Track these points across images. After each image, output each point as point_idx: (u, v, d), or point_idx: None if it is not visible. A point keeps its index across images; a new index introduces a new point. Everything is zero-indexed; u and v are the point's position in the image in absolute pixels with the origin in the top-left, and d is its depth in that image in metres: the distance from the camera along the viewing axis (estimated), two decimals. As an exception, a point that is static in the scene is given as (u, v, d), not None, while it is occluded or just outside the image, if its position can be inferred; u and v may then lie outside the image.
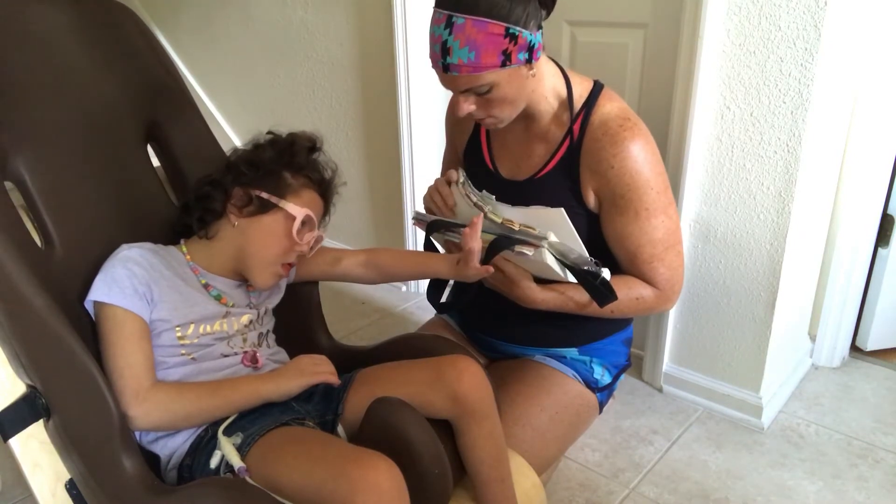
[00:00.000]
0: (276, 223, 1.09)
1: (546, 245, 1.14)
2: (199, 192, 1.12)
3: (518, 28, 1.09)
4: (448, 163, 1.55)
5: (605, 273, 1.19)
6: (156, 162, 1.24)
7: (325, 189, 1.16)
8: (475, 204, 1.24)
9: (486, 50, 1.08)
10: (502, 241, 1.15)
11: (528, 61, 1.14)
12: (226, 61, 2.89)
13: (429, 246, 1.34)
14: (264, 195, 1.09)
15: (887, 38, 1.65)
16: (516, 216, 1.20)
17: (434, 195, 1.32)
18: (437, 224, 1.26)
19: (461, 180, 1.28)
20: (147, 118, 1.20)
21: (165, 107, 1.22)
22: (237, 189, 1.10)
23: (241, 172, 1.11)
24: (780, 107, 1.50)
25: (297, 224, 1.08)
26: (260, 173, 1.10)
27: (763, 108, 1.52)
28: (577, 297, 1.25)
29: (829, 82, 1.51)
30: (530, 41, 1.11)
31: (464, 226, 1.20)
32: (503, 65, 1.10)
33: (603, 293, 1.19)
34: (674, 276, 1.29)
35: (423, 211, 1.35)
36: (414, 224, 1.37)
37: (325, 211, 1.18)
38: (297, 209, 1.09)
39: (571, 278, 1.19)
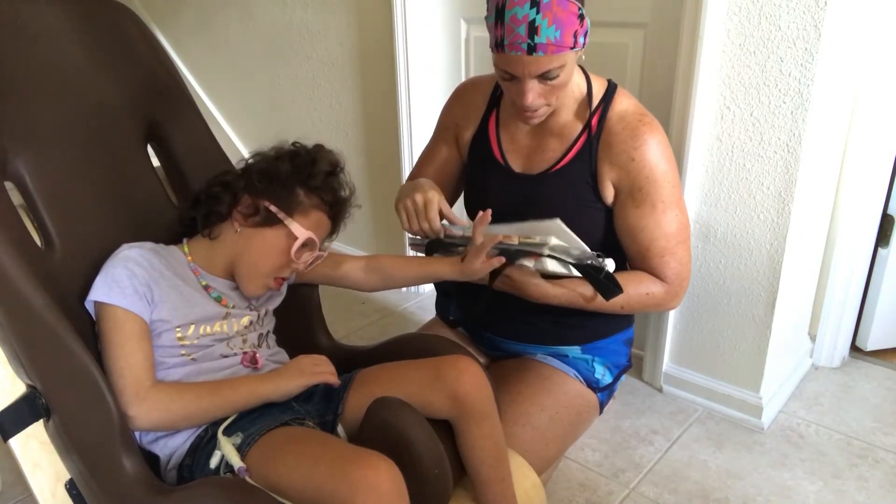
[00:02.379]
0: (277, 238, 1.08)
1: (547, 251, 1.15)
2: (209, 191, 1.11)
3: (584, 11, 1.13)
4: (429, 157, 1.49)
5: (609, 264, 1.21)
6: (156, 162, 1.24)
7: (336, 213, 1.14)
8: (464, 237, 1.24)
9: (567, 29, 1.11)
10: (504, 257, 1.16)
11: (583, 46, 1.17)
12: (226, 61, 2.89)
13: None
14: (272, 208, 1.07)
15: (887, 38, 1.65)
16: (512, 231, 1.20)
17: (416, 221, 1.26)
18: (435, 245, 1.27)
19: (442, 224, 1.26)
20: (147, 118, 1.20)
21: (165, 107, 1.22)
22: (246, 196, 1.09)
23: (254, 180, 1.09)
24: (780, 107, 1.50)
25: (297, 244, 1.08)
26: (273, 185, 1.08)
27: (763, 108, 1.52)
28: (585, 293, 1.26)
29: (829, 82, 1.51)
30: (588, 25, 1.15)
31: (462, 244, 1.21)
32: (573, 46, 1.14)
33: (608, 287, 1.20)
34: (683, 272, 1.30)
35: (415, 237, 1.35)
36: (412, 249, 1.36)
37: (333, 231, 1.17)
38: (300, 230, 1.08)
39: (577, 273, 1.21)
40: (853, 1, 1.49)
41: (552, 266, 1.17)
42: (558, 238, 1.17)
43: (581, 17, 1.13)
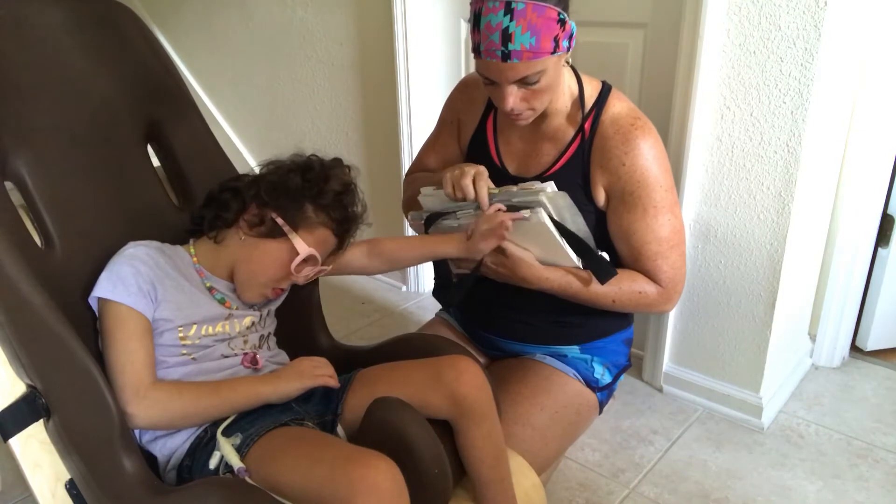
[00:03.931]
0: (280, 251, 1.07)
1: (544, 198, 1.16)
2: (219, 196, 1.10)
3: (565, 14, 1.11)
4: (433, 148, 1.50)
5: (604, 255, 1.23)
6: (156, 162, 1.24)
7: (343, 231, 1.13)
8: (459, 205, 1.24)
9: (544, 35, 1.10)
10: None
11: (568, 50, 1.16)
12: (226, 61, 2.89)
13: None
14: (278, 220, 1.07)
15: (887, 38, 1.65)
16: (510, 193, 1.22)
17: (459, 184, 1.21)
18: (434, 216, 1.27)
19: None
20: (147, 118, 1.20)
21: (165, 107, 1.22)
22: (254, 206, 1.08)
23: (263, 191, 1.08)
24: (780, 107, 1.50)
25: (297, 260, 1.07)
26: (281, 198, 1.07)
27: (763, 108, 1.52)
28: (580, 276, 1.26)
29: (829, 82, 1.51)
30: (572, 29, 1.14)
31: (459, 209, 1.22)
32: (554, 51, 1.12)
33: (602, 265, 1.22)
34: (676, 276, 1.30)
35: (415, 211, 1.35)
36: (412, 226, 1.37)
37: (339, 247, 1.15)
38: (303, 246, 1.07)
39: (573, 255, 1.21)
40: (853, 1, 1.49)
41: (545, 220, 1.16)
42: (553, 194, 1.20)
43: (562, 21, 1.11)
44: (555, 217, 1.20)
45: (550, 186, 1.19)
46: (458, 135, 1.45)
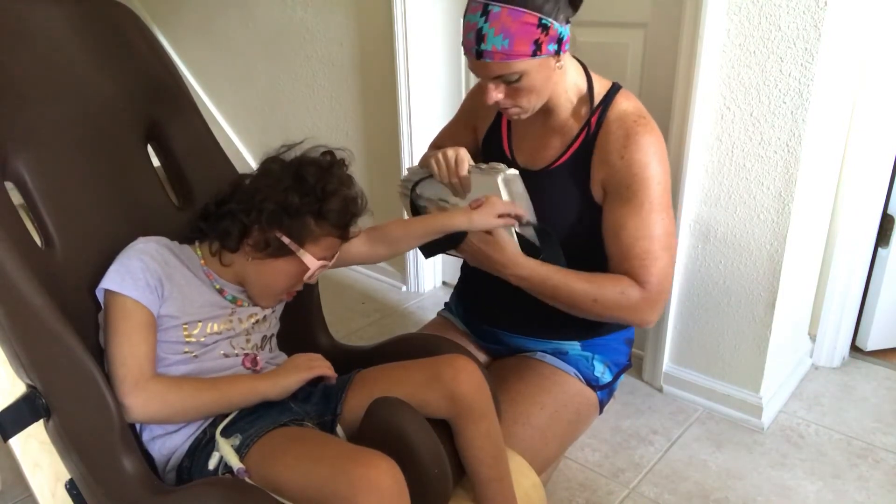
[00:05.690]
0: (290, 267, 1.07)
1: (500, 179, 1.24)
2: (218, 222, 1.08)
3: (549, 19, 1.13)
4: (449, 137, 1.53)
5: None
6: (156, 162, 1.24)
7: (347, 232, 1.12)
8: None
9: (520, 39, 1.12)
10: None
11: (557, 53, 1.18)
12: (226, 61, 2.89)
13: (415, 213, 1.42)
14: (284, 240, 1.05)
15: (887, 38, 1.65)
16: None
17: (442, 159, 1.32)
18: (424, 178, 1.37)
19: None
20: (147, 118, 1.20)
21: (165, 107, 1.22)
22: (255, 230, 1.06)
23: (264, 216, 1.05)
24: (780, 107, 1.50)
25: (309, 274, 1.08)
26: (284, 220, 1.05)
27: (763, 108, 1.52)
28: (559, 270, 1.26)
29: (829, 82, 1.51)
30: (560, 33, 1.16)
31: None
32: (534, 54, 1.14)
33: (554, 247, 1.26)
34: (664, 282, 1.26)
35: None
36: (400, 192, 1.46)
37: (343, 241, 1.14)
38: (312, 261, 1.07)
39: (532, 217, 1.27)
40: (853, 1, 1.49)
41: (500, 185, 1.23)
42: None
43: (543, 25, 1.12)
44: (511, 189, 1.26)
45: (511, 170, 1.25)
46: (476, 127, 1.49)
